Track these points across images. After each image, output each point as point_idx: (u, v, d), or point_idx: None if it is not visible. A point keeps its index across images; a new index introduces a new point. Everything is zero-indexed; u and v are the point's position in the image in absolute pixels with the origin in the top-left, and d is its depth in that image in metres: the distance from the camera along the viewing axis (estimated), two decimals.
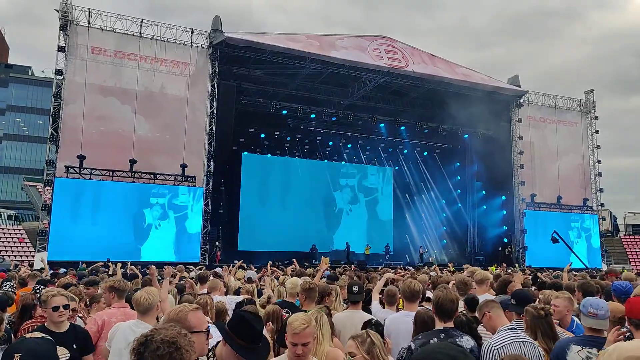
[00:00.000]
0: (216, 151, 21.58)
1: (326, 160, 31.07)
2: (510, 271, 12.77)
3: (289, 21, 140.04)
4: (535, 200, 27.35)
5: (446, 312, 3.60)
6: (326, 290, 5.08)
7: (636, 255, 35.53)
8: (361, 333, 3.04)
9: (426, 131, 28.56)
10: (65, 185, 18.92)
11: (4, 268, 13.30)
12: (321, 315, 3.64)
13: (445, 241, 32.13)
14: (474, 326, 3.89)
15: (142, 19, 21.00)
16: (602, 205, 29.71)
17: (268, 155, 29.23)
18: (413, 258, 29.24)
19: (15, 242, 26.11)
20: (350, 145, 30.41)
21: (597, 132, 29.62)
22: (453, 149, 31.05)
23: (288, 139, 29.02)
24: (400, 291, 5.28)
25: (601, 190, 29.24)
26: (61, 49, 19.36)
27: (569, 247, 25.24)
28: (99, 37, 20.11)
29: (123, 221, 19.68)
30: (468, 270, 9.42)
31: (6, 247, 25.50)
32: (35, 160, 49.54)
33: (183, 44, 21.40)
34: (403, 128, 28.39)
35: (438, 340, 3.48)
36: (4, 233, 26.74)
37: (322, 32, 31.08)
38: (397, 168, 33.13)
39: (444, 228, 32.30)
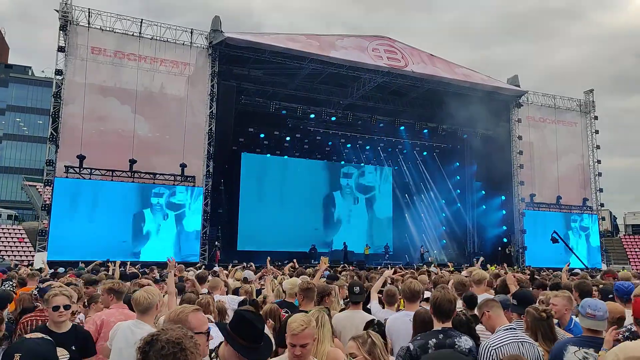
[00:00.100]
0: (216, 151, 21.57)
1: (326, 160, 31.08)
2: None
3: (289, 21, 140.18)
4: (534, 200, 27.33)
5: (444, 313, 3.58)
6: (326, 290, 5.05)
7: (636, 255, 35.51)
8: (362, 334, 3.02)
9: (425, 131, 28.55)
10: (65, 185, 18.93)
11: (4, 268, 13.30)
12: (322, 315, 3.63)
13: (444, 241, 32.12)
14: (473, 326, 3.88)
15: (142, 19, 21.01)
16: (602, 205, 29.66)
17: (267, 155, 29.23)
18: (412, 258, 29.23)
19: (15, 242, 26.11)
20: (349, 145, 30.38)
21: (597, 132, 29.59)
22: (452, 149, 31.04)
23: (287, 139, 28.99)
24: (400, 291, 5.29)
25: (601, 190, 29.22)
26: (61, 49, 19.36)
27: (569, 247, 25.26)
28: (99, 37, 20.11)
29: (122, 221, 19.68)
30: (467, 270, 9.44)
31: (6, 247, 25.50)
32: (35, 160, 49.50)
33: (183, 44, 21.39)
34: (402, 128, 28.36)
35: (437, 340, 3.46)
36: (4, 233, 26.73)
37: (322, 32, 31.08)
38: (397, 168, 33.11)
39: (444, 228, 32.29)
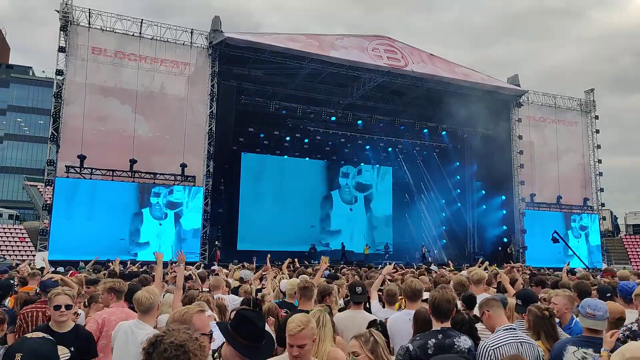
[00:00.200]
0: (216, 151, 21.57)
1: (325, 160, 31.07)
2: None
3: (288, 21, 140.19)
4: (534, 200, 27.29)
5: (443, 313, 3.58)
6: (327, 289, 5.05)
7: (637, 254, 35.47)
8: (364, 332, 3.00)
9: (425, 131, 28.55)
10: (65, 184, 18.95)
11: (5, 267, 13.30)
12: (323, 315, 3.62)
13: (444, 241, 32.11)
14: (474, 325, 3.88)
15: (142, 19, 21.02)
16: (603, 205, 29.61)
17: (267, 154, 29.23)
18: (413, 257, 29.22)
19: (16, 242, 26.16)
20: (349, 145, 30.32)
21: (598, 132, 29.53)
22: (452, 149, 30.99)
23: (287, 139, 28.99)
24: (401, 290, 5.29)
25: (601, 189, 29.15)
26: (62, 50, 19.38)
27: (570, 247, 25.24)
28: (99, 38, 20.13)
29: (123, 221, 19.70)
30: (467, 270, 9.45)
31: (7, 247, 25.55)
32: (36, 160, 49.52)
33: (183, 44, 21.39)
34: (402, 128, 28.32)
35: (436, 340, 3.46)
36: (5, 232, 26.78)
37: (321, 32, 31.08)
38: (397, 168, 33.09)
39: (444, 228, 32.27)
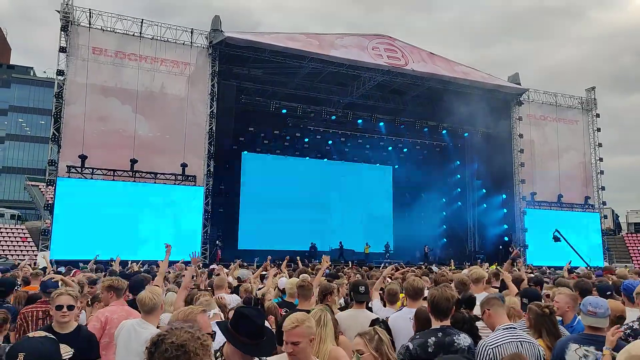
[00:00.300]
0: (216, 150, 21.59)
1: (326, 159, 31.06)
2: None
3: (288, 20, 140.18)
4: (535, 198, 27.28)
5: (442, 311, 3.60)
6: (328, 288, 5.06)
7: (638, 253, 35.41)
8: (369, 330, 3.01)
9: (426, 129, 28.52)
10: (67, 184, 19.00)
11: (7, 267, 13.34)
12: (325, 314, 3.62)
13: (445, 240, 32.11)
14: (475, 324, 3.88)
15: (142, 19, 21.03)
16: (604, 203, 29.54)
17: (268, 154, 29.24)
18: (413, 256, 29.22)
19: (18, 242, 26.21)
20: (350, 144, 30.29)
21: (599, 130, 29.49)
22: (453, 148, 30.96)
23: (288, 138, 28.99)
24: (402, 289, 5.30)
25: (603, 188, 29.10)
26: (62, 50, 19.42)
27: (571, 246, 25.19)
28: (100, 38, 20.15)
29: (124, 220, 19.69)
30: (469, 269, 9.44)
31: (9, 247, 25.60)
32: (37, 160, 49.60)
33: (183, 44, 21.40)
34: (403, 127, 28.26)
35: (436, 338, 3.48)
36: (7, 232, 26.83)
37: (321, 31, 31.07)
38: (397, 167, 33.08)
39: (444, 227, 32.27)
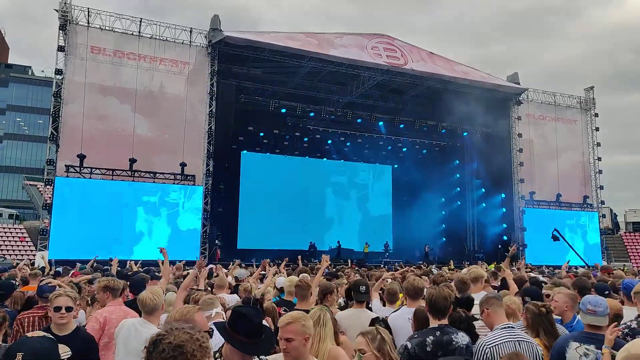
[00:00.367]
0: (215, 150, 21.55)
1: (325, 158, 31.07)
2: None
3: (286, 19, 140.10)
4: (534, 198, 27.32)
5: (439, 310, 3.62)
6: (328, 288, 5.06)
7: (637, 252, 35.51)
8: (371, 329, 3.01)
9: (425, 129, 28.55)
10: (65, 184, 18.95)
11: (5, 267, 13.32)
12: (324, 313, 3.62)
13: (444, 239, 32.13)
14: (472, 323, 3.89)
15: (141, 19, 21.00)
16: (603, 202, 29.59)
17: (267, 153, 29.24)
18: (413, 256, 29.24)
19: (16, 241, 26.17)
20: (349, 143, 30.29)
21: (597, 129, 29.53)
22: (452, 147, 31.01)
23: (287, 138, 28.99)
24: (402, 288, 5.30)
25: (601, 187, 29.15)
26: (61, 49, 19.36)
27: (570, 245, 25.23)
28: (98, 37, 20.11)
29: (123, 220, 19.69)
30: (468, 268, 9.44)
31: (7, 246, 25.56)
32: (35, 159, 49.54)
33: (182, 43, 21.37)
34: (402, 126, 28.30)
35: (434, 337, 3.48)
36: (5, 232, 26.80)
37: (320, 30, 30.98)
38: (397, 166, 33.10)
39: (444, 226, 32.28)
